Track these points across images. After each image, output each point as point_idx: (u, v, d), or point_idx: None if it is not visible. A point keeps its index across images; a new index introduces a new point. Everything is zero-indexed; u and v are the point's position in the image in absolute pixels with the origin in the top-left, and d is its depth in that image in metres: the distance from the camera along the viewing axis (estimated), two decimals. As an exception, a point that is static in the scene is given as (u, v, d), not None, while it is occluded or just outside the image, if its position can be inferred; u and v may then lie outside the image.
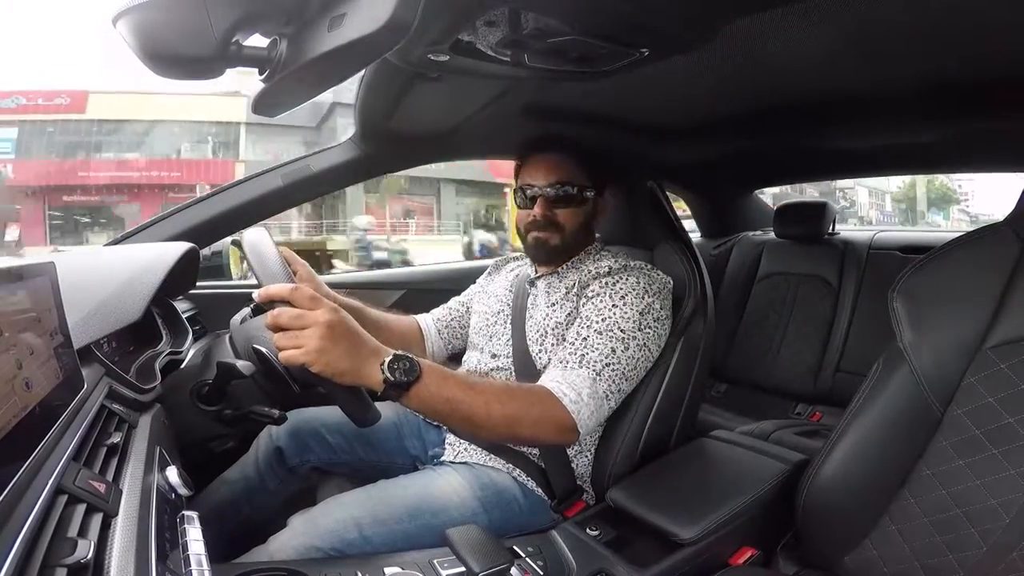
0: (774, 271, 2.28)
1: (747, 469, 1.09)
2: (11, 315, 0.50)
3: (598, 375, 0.96)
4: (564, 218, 1.13)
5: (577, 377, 0.96)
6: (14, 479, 0.43)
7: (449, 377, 0.85)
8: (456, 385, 0.85)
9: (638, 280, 1.05)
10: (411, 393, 0.80)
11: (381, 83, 1.08)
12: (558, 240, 1.14)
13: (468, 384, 0.87)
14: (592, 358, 0.97)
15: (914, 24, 0.83)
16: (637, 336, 1.01)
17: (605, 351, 0.98)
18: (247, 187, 1.47)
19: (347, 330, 0.77)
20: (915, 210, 21.90)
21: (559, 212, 1.13)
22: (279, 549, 0.87)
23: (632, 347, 1.00)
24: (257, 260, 0.86)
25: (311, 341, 0.74)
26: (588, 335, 1.00)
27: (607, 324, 1.00)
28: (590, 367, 0.97)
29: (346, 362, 0.76)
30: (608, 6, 0.72)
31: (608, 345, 0.99)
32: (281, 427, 1.15)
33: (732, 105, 1.33)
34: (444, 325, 1.37)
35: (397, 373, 0.78)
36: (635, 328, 1.01)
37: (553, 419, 0.92)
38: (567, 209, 1.14)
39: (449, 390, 0.83)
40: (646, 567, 0.90)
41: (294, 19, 0.57)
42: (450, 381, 0.84)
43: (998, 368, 0.84)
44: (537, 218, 1.13)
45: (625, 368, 0.99)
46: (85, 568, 0.43)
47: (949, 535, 0.84)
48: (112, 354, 0.92)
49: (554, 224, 1.13)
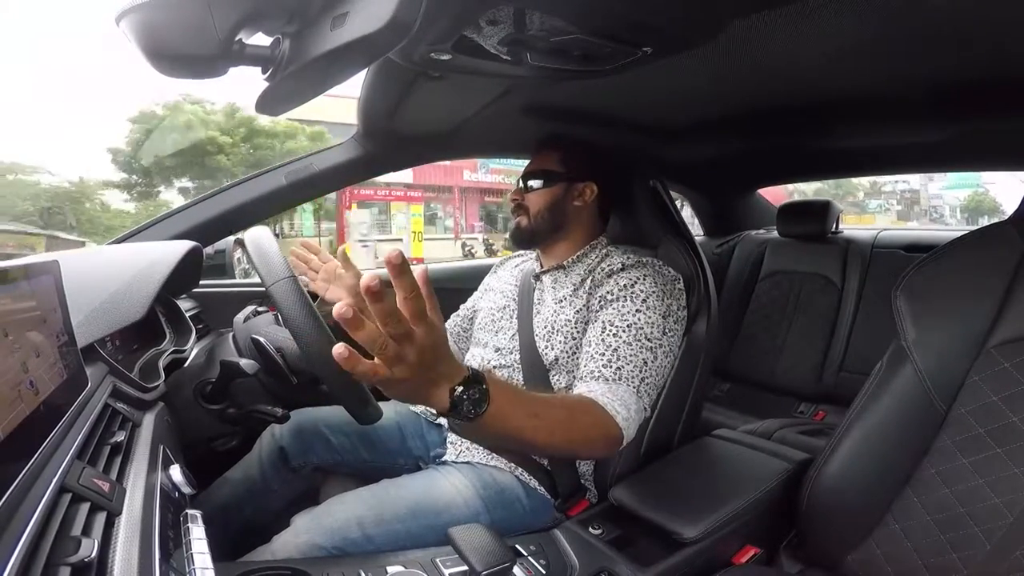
0: (777, 270, 2.28)
1: (750, 468, 1.09)
2: (16, 314, 0.50)
3: (638, 389, 0.97)
4: (530, 200, 1.22)
5: (624, 393, 0.95)
6: (18, 477, 0.43)
7: (516, 405, 0.75)
8: (523, 415, 0.76)
9: (655, 280, 1.05)
10: (474, 425, 0.69)
11: (383, 82, 1.08)
12: (526, 222, 1.21)
13: (533, 412, 0.78)
14: (628, 371, 0.97)
15: (916, 23, 0.83)
16: (663, 343, 1.02)
17: (638, 362, 0.98)
18: (250, 186, 1.47)
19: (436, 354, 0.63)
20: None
21: (528, 196, 1.22)
22: (282, 548, 0.87)
23: (659, 355, 1.01)
24: (259, 258, 0.86)
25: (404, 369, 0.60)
26: (617, 345, 0.99)
27: (634, 333, 1.00)
28: (630, 381, 0.97)
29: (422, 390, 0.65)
30: (611, 5, 0.72)
31: (639, 356, 0.99)
32: (284, 427, 1.16)
33: (735, 104, 1.32)
34: (457, 336, 1.40)
35: (466, 405, 0.67)
36: (660, 334, 1.02)
37: (608, 437, 0.90)
38: (533, 193, 1.22)
39: (516, 420, 0.75)
40: (649, 566, 0.90)
41: (296, 18, 0.57)
42: (518, 411, 0.75)
43: (1002, 366, 0.83)
44: (512, 204, 1.25)
45: (656, 378, 1.01)
46: (89, 567, 0.43)
47: (953, 534, 0.83)
48: (116, 353, 0.92)
49: (522, 208, 1.22)
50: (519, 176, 1.26)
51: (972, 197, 27.55)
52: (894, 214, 27.76)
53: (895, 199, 28.84)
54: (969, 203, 28.20)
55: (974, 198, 27.71)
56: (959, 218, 27.76)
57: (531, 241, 1.23)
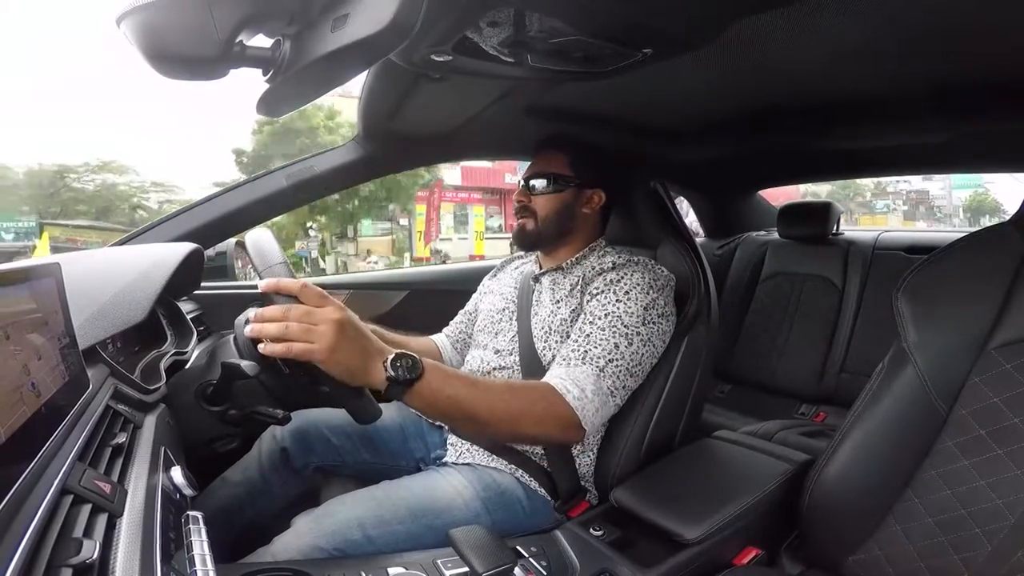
0: (778, 271, 2.28)
1: (751, 469, 1.09)
2: (18, 316, 0.51)
3: (601, 371, 0.97)
4: (537, 204, 1.19)
5: (580, 373, 0.96)
6: (20, 479, 0.43)
7: (451, 375, 0.86)
8: (459, 383, 0.85)
9: (643, 276, 1.05)
10: (413, 391, 0.80)
11: (384, 84, 1.08)
12: (533, 225, 1.19)
13: (471, 381, 0.88)
14: (595, 354, 0.98)
15: (916, 24, 0.83)
16: (641, 331, 1.01)
17: (608, 347, 0.98)
18: (251, 188, 1.47)
19: (355, 328, 0.78)
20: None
21: (534, 199, 1.20)
22: (283, 549, 0.87)
23: (636, 342, 1.00)
24: (260, 260, 0.87)
25: (322, 338, 0.74)
26: (591, 331, 1.00)
27: (610, 320, 1.00)
28: (593, 363, 0.97)
29: (355, 360, 0.77)
30: (611, 7, 0.72)
31: (611, 340, 0.99)
32: (285, 429, 1.15)
33: (735, 105, 1.33)
34: (456, 340, 1.39)
35: (400, 371, 0.79)
36: (639, 323, 1.01)
37: (557, 416, 0.92)
38: (541, 196, 1.19)
39: (452, 388, 0.84)
40: (650, 567, 0.90)
41: (297, 20, 0.57)
42: (452, 379, 0.85)
43: (1003, 368, 0.83)
44: (516, 204, 1.22)
45: (629, 364, 0.99)
46: (90, 568, 0.43)
47: (954, 535, 0.83)
48: (117, 355, 0.93)
49: (529, 210, 1.20)
50: (523, 178, 1.24)
51: (973, 197, 28.04)
52: (901, 214, 28.05)
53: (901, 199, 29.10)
54: (971, 203, 28.61)
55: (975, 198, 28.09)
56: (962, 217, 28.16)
57: (535, 244, 1.22)
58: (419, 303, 1.93)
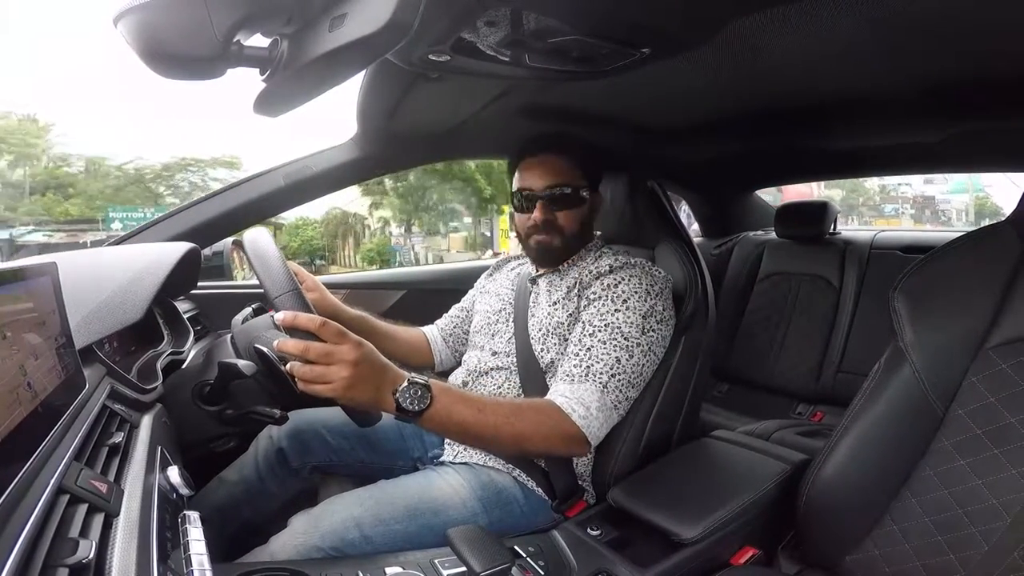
0: (775, 271, 2.28)
1: (748, 469, 1.09)
2: (14, 316, 0.50)
3: (605, 387, 0.97)
4: (564, 220, 1.13)
5: (585, 391, 0.96)
6: (16, 479, 0.43)
7: (459, 400, 0.87)
8: (466, 409, 0.87)
9: (640, 281, 1.05)
10: (423, 419, 0.83)
11: (382, 83, 1.08)
12: (559, 242, 1.13)
13: (478, 407, 0.88)
14: (598, 369, 0.98)
15: (914, 24, 0.83)
16: (641, 342, 1.01)
17: (610, 361, 0.99)
18: (248, 187, 1.47)
19: (371, 365, 0.80)
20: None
21: (559, 214, 1.13)
22: (280, 549, 0.87)
23: (636, 354, 1.01)
24: (259, 261, 0.87)
25: (339, 379, 0.77)
26: (592, 344, 1.00)
27: (610, 332, 1.00)
28: (596, 379, 0.97)
29: (369, 394, 0.79)
30: (609, 6, 0.72)
31: (612, 355, 0.99)
32: (282, 428, 1.15)
33: (733, 105, 1.33)
34: (448, 333, 1.39)
35: (409, 402, 0.81)
36: (639, 333, 1.01)
37: (563, 434, 0.93)
38: (566, 211, 1.13)
39: (460, 415, 0.85)
40: (647, 567, 0.90)
41: (295, 19, 0.57)
42: (460, 406, 0.86)
43: (999, 368, 0.83)
44: (538, 222, 1.12)
45: (631, 376, 1.00)
46: (87, 568, 0.43)
47: (950, 535, 0.83)
48: (114, 354, 0.92)
49: (554, 226, 1.13)
50: (520, 190, 1.15)
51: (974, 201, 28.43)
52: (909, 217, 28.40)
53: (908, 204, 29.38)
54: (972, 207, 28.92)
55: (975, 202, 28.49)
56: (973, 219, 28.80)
57: (561, 259, 1.17)
58: (416, 302, 1.93)
